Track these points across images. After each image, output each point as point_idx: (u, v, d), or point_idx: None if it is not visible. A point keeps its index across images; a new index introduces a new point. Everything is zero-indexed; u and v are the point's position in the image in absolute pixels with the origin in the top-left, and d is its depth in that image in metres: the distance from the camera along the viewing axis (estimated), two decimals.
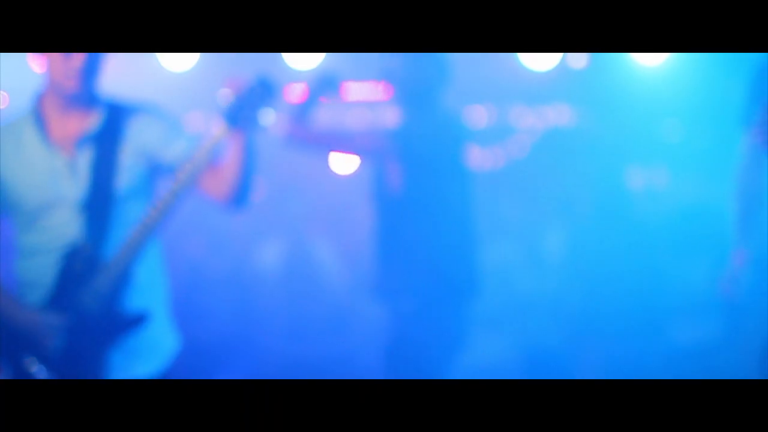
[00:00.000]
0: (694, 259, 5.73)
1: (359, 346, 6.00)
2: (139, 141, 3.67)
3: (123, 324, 3.63)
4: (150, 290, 3.70)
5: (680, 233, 5.83)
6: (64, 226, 3.62)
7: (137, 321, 3.64)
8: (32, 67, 3.66)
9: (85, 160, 3.64)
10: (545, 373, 5.58)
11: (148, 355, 3.70)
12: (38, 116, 3.67)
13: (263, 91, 3.50)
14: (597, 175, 5.92)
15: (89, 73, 3.62)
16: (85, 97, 3.65)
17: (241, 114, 3.51)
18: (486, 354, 5.61)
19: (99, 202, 3.62)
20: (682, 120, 5.97)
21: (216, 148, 3.57)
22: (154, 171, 3.70)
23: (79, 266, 3.60)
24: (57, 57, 3.57)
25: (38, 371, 3.57)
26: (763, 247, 4.12)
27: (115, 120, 3.66)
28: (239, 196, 3.67)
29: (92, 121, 3.65)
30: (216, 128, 3.58)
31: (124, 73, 4.44)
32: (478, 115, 6.05)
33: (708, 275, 5.52)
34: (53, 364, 3.58)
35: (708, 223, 5.64)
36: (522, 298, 5.90)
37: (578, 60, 5.89)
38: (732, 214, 4.11)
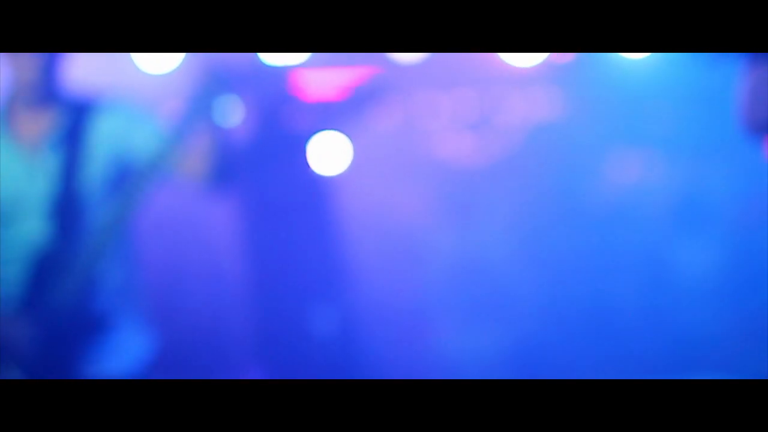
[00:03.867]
0: (689, 251, 5.67)
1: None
2: (108, 139, 3.60)
3: (91, 325, 3.56)
4: (120, 289, 3.65)
5: (673, 226, 5.76)
6: (35, 232, 3.54)
7: (105, 321, 3.58)
8: None
9: (54, 161, 3.55)
10: (535, 372, 5.51)
11: (118, 354, 3.64)
12: (3, 119, 3.59)
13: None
14: (585, 168, 5.85)
15: (55, 71, 3.54)
16: (52, 95, 3.56)
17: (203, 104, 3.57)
18: (472, 350, 5.56)
19: (69, 204, 3.54)
20: (673, 109, 5.89)
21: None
22: (124, 169, 3.62)
23: (49, 272, 3.52)
24: (22, 55, 3.48)
25: (9, 373, 3.51)
26: None
27: (83, 119, 3.58)
28: (217, 173, 3.62)
29: (60, 120, 3.57)
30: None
31: (98, 72, 4.36)
32: (465, 112, 5.96)
33: (703, 267, 5.49)
34: (23, 367, 3.51)
35: (701, 214, 5.60)
36: (514, 292, 5.81)
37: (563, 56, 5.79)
38: None
